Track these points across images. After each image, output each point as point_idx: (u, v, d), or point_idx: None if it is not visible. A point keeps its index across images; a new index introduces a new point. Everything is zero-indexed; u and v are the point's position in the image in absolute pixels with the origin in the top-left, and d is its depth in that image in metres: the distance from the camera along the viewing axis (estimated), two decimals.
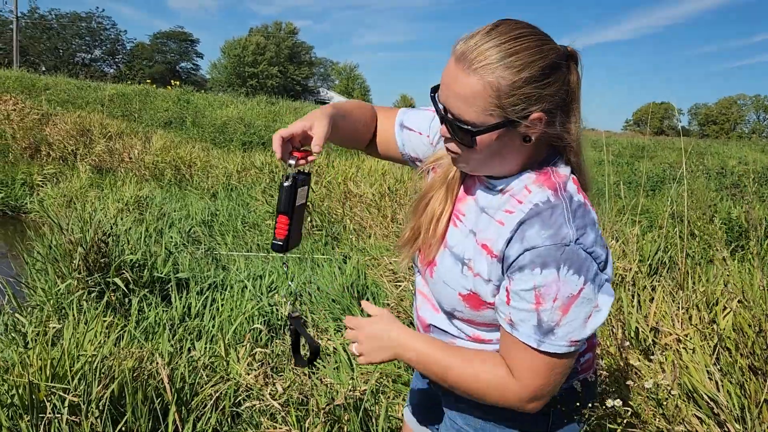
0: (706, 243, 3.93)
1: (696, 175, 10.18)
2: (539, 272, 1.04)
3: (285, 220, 1.21)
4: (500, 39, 1.04)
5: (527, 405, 1.14)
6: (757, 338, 1.75)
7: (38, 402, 1.92)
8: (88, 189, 7.99)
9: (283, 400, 2.61)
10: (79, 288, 3.80)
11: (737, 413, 1.65)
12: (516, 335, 1.10)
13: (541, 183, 1.12)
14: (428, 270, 1.27)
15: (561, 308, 1.05)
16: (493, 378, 1.14)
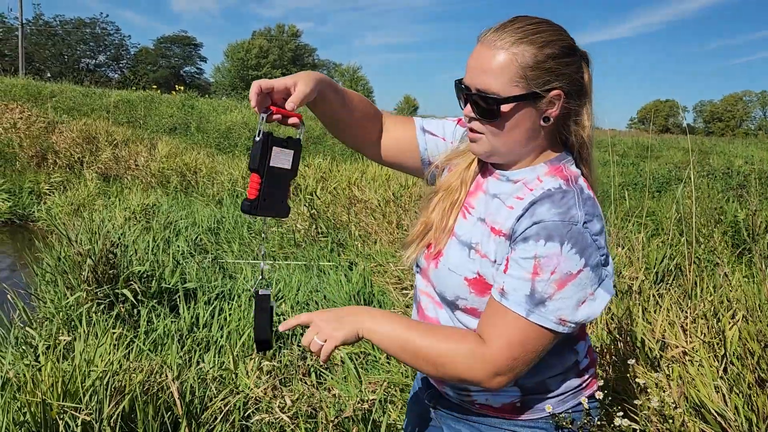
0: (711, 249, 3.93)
1: (702, 175, 10.15)
2: (543, 243, 1.07)
3: (256, 178, 1.16)
4: (523, 23, 1.13)
5: (492, 379, 1.11)
6: (763, 352, 1.76)
7: (51, 420, 1.94)
8: (95, 197, 8.04)
9: (292, 413, 2.63)
10: (88, 300, 3.83)
11: (745, 428, 1.66)
12: (505, 303, 1.10)
13: (554, 174, 1.17)
14: (434, 262, 1.27)
15: (557, 282, 1.06)
16: (460, 351, 1.13)
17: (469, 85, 1.15)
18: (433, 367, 1.15)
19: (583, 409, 1.26)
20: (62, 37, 67.16)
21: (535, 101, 1.12)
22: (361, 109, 1.36)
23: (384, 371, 3.25)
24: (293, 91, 1.16)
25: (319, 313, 1.21)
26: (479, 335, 1.14)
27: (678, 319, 2.33)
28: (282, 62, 68.24)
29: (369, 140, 1.40)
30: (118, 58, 72.02)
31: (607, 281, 1.12)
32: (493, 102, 1.11)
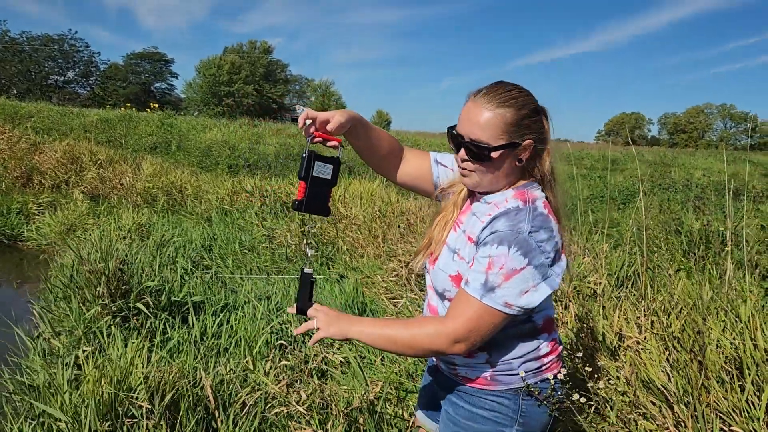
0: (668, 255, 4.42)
1: (663, 188, 10.76)
2: (495, 247, 1.46)
3: (303, 184, 1.59)
4: (503, 89, 1.54)
5: (453, 346, 1.50)
6: (696, 336, 2.22)
7: (114, 409, 2.30)
8: (86, 217, 8.28)
9: (307, 406, 3.01)
10: (104, 314, 4.16)
11: (682, 397, 2.11)
12: (466, 289, 1.50)
13: (516, 197, 1.56)
14: (432, 265, 1.70)
15: (504, 275, 1.45)
16: (424, 330, 1.53)
17: (463, 134, 1.54)
18: (410, 348, 1.55)
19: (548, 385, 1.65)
20: (29, 53, 66.41)
21: (514, 149, 1.53)
22: (388, 142, 1.81)
23: (380, 372, 3.66)
24: (331, 121, 1.58)
25: (326, 309, 1.65)
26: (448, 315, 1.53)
27: (633, 316, 2.79)
28: (254, 78, 68.42)
29: (392, 167, 1.85)
30: (88, 74, 71.45)
31: (553, 278, 1.50)
32: (485, 149, 1.51)
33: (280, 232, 7.17)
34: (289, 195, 8.90)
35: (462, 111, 1.57)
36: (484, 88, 1.56)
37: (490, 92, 1.53)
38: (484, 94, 1.54)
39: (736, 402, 2.10)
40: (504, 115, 1.50)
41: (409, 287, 4.92)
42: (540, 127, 1.57)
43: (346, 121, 1.60)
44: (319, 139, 1.61)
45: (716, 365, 2.26)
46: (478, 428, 1.65)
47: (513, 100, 1.52)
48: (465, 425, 1.67)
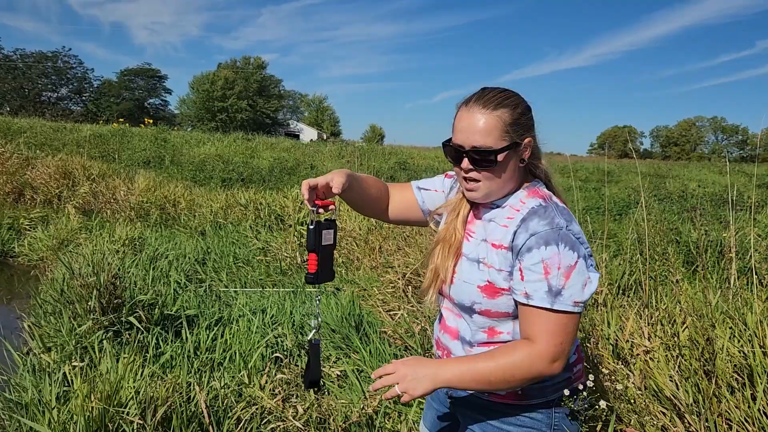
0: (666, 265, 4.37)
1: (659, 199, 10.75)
2: (544, 248, 1.40)
3: (314, 256, 1.55)
4: (493, 93, 1.51)
5: (552, 366, 1.41)
6: (706, 345, 2.16)
7: (104, 425, 2.21)
8: (79, 231, 8.18)
9: (304, 421, 2.93)
10: (95, 328, 4.06)
11: (692, 407, 2.04)
12: (532, 303, 1.40)
13: (532, 195, 1.53)
14: (451, 281, 1.60)
15: (564, 275, 1.39)
16: (516, 359, 1.41)
17: (464, 144, 1.49)
18: (506, 382, 1.43)
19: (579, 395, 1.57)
20: (23, 70, 66.38)
21: (516, 149, 1.50)
22: (376, 187, 1.77)
23: None
24: (333, 184, 1.53)
25: (401, 366, 1.48)
26: (526, 338, 1.44)
27: (639, 324, 2.73)
28: (248, 93, 68.50)
29: (382, 209, 1.80)
30: (81, 90, 71.42)
31: (593, 267, 1.47)
32: (490, 153, 1.46)
33: (275, 245, 7.09)
34: (283, 208, 8.84)
35: (456, 122, 1.52)
36: (473, 95, 1.53)
37: (483, 97, 1.50)
38: (476, 99, 1.50)
39: (747, 412, 2.04)
40: (502, 116, 1.47)
41: (406, 299, 4.84)
42: (533, 124, 1.55)
43: (345, 179, 1.56)
44: (322, 210, 1.55)
45: (726, 374, 2.20)
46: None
47: (507, 101, 1.49)
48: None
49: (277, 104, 73.81)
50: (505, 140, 1.47)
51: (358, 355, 4.01)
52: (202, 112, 65.92)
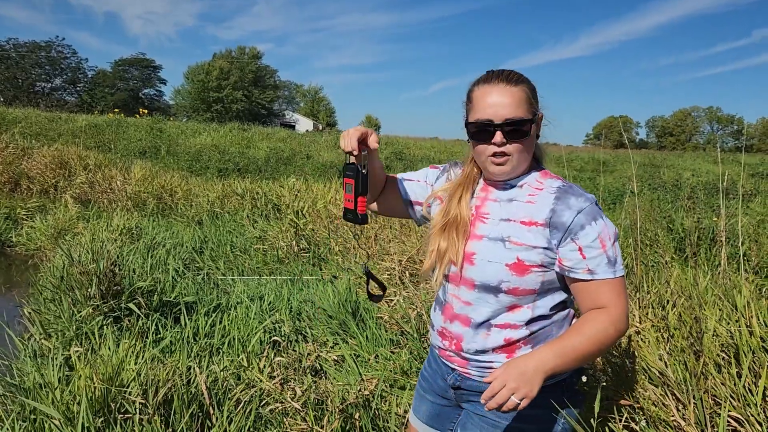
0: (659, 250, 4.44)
1: (653, 187, 10.82)
2: (594, 224, 1.48)
3: (363, 199, 1.61)
4: (509, 71, 1.58)
5: (627, 322, 1.52)
6: (694, 325, 2.22)
7: (107, 405, 2.26)
8: (76, 221, 8.21)
9: (302, 402, 2.98)
10: (95, 314, 4.11)
11: (681, 383, 2.10)
12: (597, 278, 1.49)
13: (546, 176, 1.60)
14: (469, 262, 1.60)
15: (614, 244, 1.50)
16: (602, 327, 1.47)
17: (494, 118, 1.51)
18: (598, 351, 1.50)
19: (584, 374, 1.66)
20: (16, 60, 65.96)
21: (535, 122, 1.56)
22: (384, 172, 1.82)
23: (374, 369, 3.63)
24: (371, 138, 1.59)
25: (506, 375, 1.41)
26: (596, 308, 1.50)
27: (631, 307, 2.79)
28: (243, 84, 68.26)
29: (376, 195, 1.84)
30: (75, 81, 71.03)
31: None
32: (525, 123, 1.52)
33: (272, 234, 7.14)
34: (279, 197, 8.88)
35: (480, 99, 1.55)
36: (490, 73, 1.58)
37: (502, 74, 1.56)
38: (498, 76, 1.55)
39: (733, 388, 2.10)
40: (525, 90, 1.54)
41: (402, 286, 4.90)
42: None
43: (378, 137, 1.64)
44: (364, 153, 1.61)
45: (713, 352, 2.27)
46: (525, 427, 1.60)
47: (522, 77, 1.57)
48: (511, 427, 1.60)
49: (273, 95, 73.56)
50: (531, 112, 1.54)
51: (355, 340, 4.07)
52: (197, 102, 65.67)
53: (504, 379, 1.41)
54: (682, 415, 2.03)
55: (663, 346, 2.41)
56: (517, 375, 1.41)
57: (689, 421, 1.99)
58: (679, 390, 2.09)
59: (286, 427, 2.88)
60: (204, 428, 2.71)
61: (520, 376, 1.40)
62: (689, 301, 2.53)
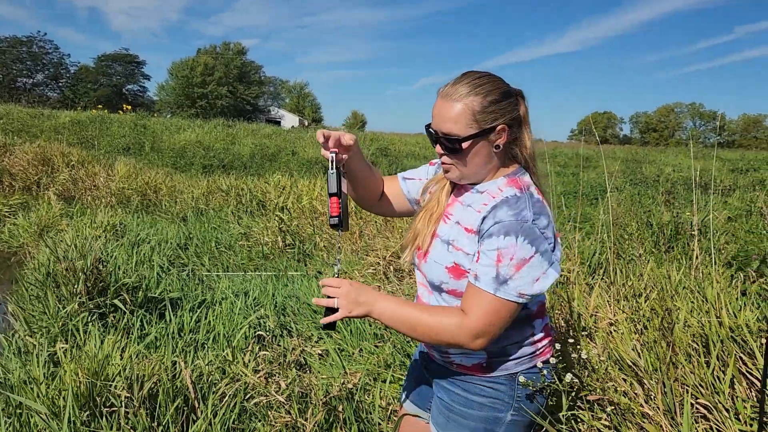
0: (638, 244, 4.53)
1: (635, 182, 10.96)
2: (502, 238, 1.45)
3: (336, 200, 1.58)
4: (469, 79, 1.54)
5: (474, 341, 1.49)
6: (665, 316, 2.30)
7: (92, 399, 2.30)
8: (60, 218, 8.17)
9: (286, 395, 3.03)
10: (81, 311, 4.13)
11: (652, 372, 2.18)
12: (478, 285, 1.48)
13: (510, 185, 1.57)
14: (424, 259, 1.68)
15: (515, 266, 1.44)
16: (448, 321, 1.50)
17: (436, 129, 1.55)
18: (428, 336, 1.53)
19: (537, 371, 1.69)
20: None
21: (487, 136, 1.53)
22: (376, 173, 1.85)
23: (358, 363, 3.69)
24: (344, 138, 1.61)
25: (348, 287, 1.56)
26: (462, 310, 1.52)
27: (604, 299, 2.87)
28: (228, 79, 67.85)
29: (375, 198, 1.87)
30: (58, 77, 70.24)
31: (556, 264, 1.51)
32: (455, 141, 1.52)
33: (257, 230, 7.16)
34: (264, 194, 8.90)
35: (434, 107, 1.57)
36: (454, 80, 1.57)
37: (457, 84, 1.54)
38: (452, 85, 1.55)
39: (702, 376, 2.18)
40: (471, 104, 1.50)
41: (387, 280, 4.96)
42: (513, 109, 1.56)
43: (355, 137, 1.65)
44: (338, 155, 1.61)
45: (684, 342, 2.35)
46: (474, 414, 1.66)
47: (479, 88, 1.52)
48: (460, 411, 1.68)
49: (258, 90, 73.21)
50: (473, 128, 1.51)
51: (339, 334, 4.12)
52: (181, 98, 65.19)
53: (343, 285, 1.56)
54: (652, 404, 2.10)
55: (636, 337, 2.49)
56: (353, 293, 1.55)
57: (658, 409, 2.07)
58: (648, 379, 2.17)
59: (271, 419, 2.93)
60: (189, 421, 2.75)
61: (354, 295, 1.55)
62: (662, 293, 2.61)
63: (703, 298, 2.67)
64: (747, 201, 7.51)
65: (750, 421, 2.04)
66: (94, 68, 71.11)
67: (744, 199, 7.64)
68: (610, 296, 2.92)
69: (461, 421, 1.67)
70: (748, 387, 2.17)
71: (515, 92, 1.60)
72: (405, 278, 4.81)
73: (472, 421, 1.66)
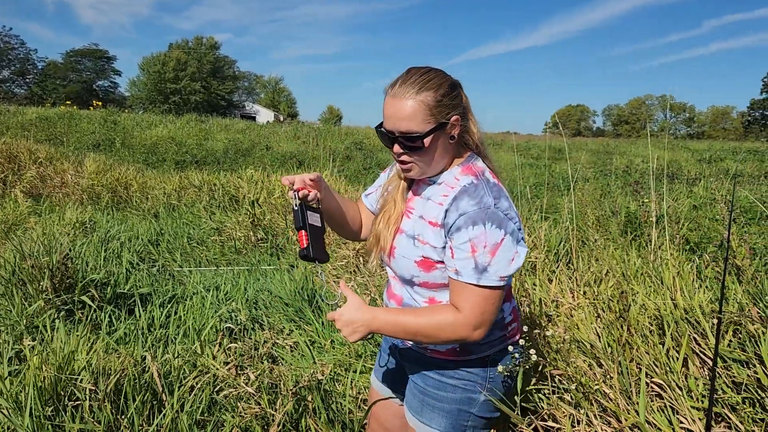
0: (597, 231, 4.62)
1: (604, 173, 11.13)
2: (471, 228, 1.50)
3: (302, 233, 1.65)
4: (416, 76, 1.57)
5: (474, 333, 1.54)
6: (620, 297, 2.37)
7: (56, 394, 2.29)
8: (27, 215, 8.05)
9: (255, 387, 3.05)
10: (47, 308, 4.08)
11: (608, 351, 2.25)
12: (461, 279, 1.53)
13: (465, 173, 1.62)
14: (391, 256, 1.72)
15: (490, 252, 1.50)
16: (444, 320, 1.55)
17: (392, 129, 1.57)
18: (431, 339, 1.57)
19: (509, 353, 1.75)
20: None
21: (444, 129, 1.58)
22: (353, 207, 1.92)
23: (330, 354, 3.72)
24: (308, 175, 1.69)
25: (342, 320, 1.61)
26: (454, 306, 1.56)
27: (567, 285, 2.93)
28: (201, 74, 67.14)
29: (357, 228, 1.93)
30: (24, 72, 68.86)
31: (522, 241, 1.57)
32: (417, 138, 1.55)
33: (230, 225, 7.13)
34: (237, 188, 8.85)
35: (384, 107, 1.58)
36: (397, 80, 1.59)
37: (406, 81, 1.56)
38: (400, 84, 1.56)
39: (657, 356, 2.25)
40: (425, 100, 1.53)
41: (358, 272, 4.99)
42: (460, 100, 1.61)
43: (320, 174, 1.72)
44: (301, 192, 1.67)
45: (641, 324, 2.42)
46: (448, 396, 1.71)
47: (429, 83, 1.55)
48: (434, 394, 1.73)
49: (232, 86, 72.57)
50: (430, 123, 1.54)
51: (311, 327, 4.15)
52: (153, 94, 64.34)
53: (338, 318, 1.61)
54: (609, 383, 2.17)
55: (596, 320, 2.56)
56: (347, 321, 1.60)
57: (614, 387, 2.13)
58: (606, 359, 2.23)
59: (240, 411, 2.94)
60: (157, 414, 2.75)
61: (348, 323, 1.60)
62: (620, 278, 2.68)
63: (660, 282, 2.74)
64: (711, 190, 7.69)
65: (701, 398, 2.11)
66: (63, 64, 69.86)
67: (708, 188, 7.82)
68: (573, 282, 2.99)
69: (435, 404, 1.73)
70: (700, 365, 2.25)
71: (457, 83, 1.64)
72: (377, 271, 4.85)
73: (446, 404, 1.72)
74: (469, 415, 1.71)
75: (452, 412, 1.71)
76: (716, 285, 2.81)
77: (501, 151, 21.10)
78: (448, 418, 1.71)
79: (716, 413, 2.07)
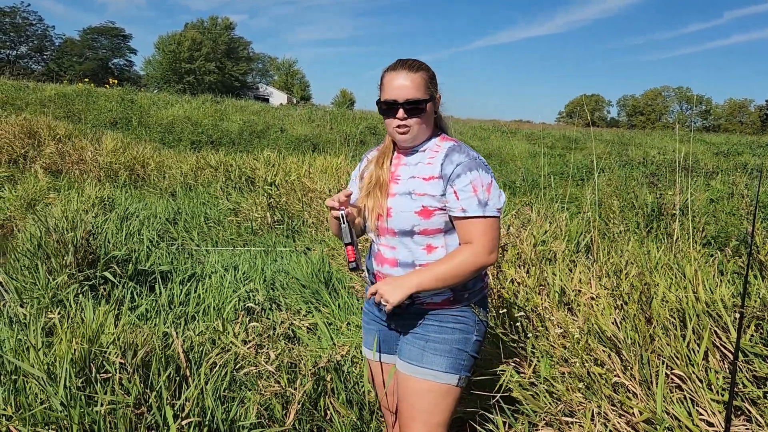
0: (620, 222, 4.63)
1: (620, 165, 11.06)
2: (469, 173, 1.88)
3: (351, 248, 1.97)
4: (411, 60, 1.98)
5: (489, 257, 1.89)
6: (644, 290, 2.38)
7: (87, 365, 2.35)
8: (47, 191, 8.15)
9: (275, 366, 3.10)
10: (70, 282, 4.16)
11: (629, 344, 2.27)
12: (467, 214, 1.87)
13: (444, 140, 2.01)
14: (388, 216, 1.98)
15: (486, 190, 1.89)
16: (462, 257, 1.88)
17: (398, 98, 1.92)
18: (459, 277, 1.88)
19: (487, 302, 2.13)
20: None
21: (433, 101, 1.98)
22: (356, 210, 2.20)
23: (346, 336, 3.77)
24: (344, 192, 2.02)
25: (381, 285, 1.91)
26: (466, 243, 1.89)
27: (586, 276, 2.95)
28: (216, 55, 67.06)
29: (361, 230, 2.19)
30: (42, 49, 69.11)
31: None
32: (421, 102, 1.93)
33: (246, 206, 7.19)
34: (254, 170, 8.91)
35: (388, 83, 1.95)
36: (396, 63, 1.98)
37: (406, 63, 1.96)
38: (402, 64, 1.95)
39: (678, 348, 2.28)
40: (423, 75, 1.95)
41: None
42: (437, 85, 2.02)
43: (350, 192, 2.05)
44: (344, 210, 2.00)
45: (662, 316, 2.44)
46: (448, 338, 2.01)
47: (422, 65, 1.97)
48: (436, 338, 2.01)
49: (246, 67, 72.45)
50: (428, 94, 1.95)
51: (327, 308, 4.20)
52: (168, 73, 64.35)
53: (379, 287, 1.90)
54: (628, 373, 2.20)
55: (617, 311, 2.58)
56: (388, 281, 1.91)
57: (634, 378, 2.16)
58: (627, 351, 2.26)
59: (260, 389, 3.00)
60: (181, 389, 2.82)
61: (390, 281, 1.90)
62: (642, 269, 2.70)
63: (682, 275, 2.76)
64: (729, 184, 7.64)
65: (721, 391, 2.14)
66: (80, 41, 70.00)
67: (726, 182, 7.78)
68: (593, 273, 3.01)
69: (437, 347, 2.00)
70: (720, 359, 2.27)
71: None
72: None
73: (447, 345, 2.00)
74: (464, 354, 2.01)
75: (452, 352, 1.99)
76: (738, 279, 2.82)
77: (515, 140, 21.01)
78: (448, 357, 1.99)
79: (736, 406, 2.10)
